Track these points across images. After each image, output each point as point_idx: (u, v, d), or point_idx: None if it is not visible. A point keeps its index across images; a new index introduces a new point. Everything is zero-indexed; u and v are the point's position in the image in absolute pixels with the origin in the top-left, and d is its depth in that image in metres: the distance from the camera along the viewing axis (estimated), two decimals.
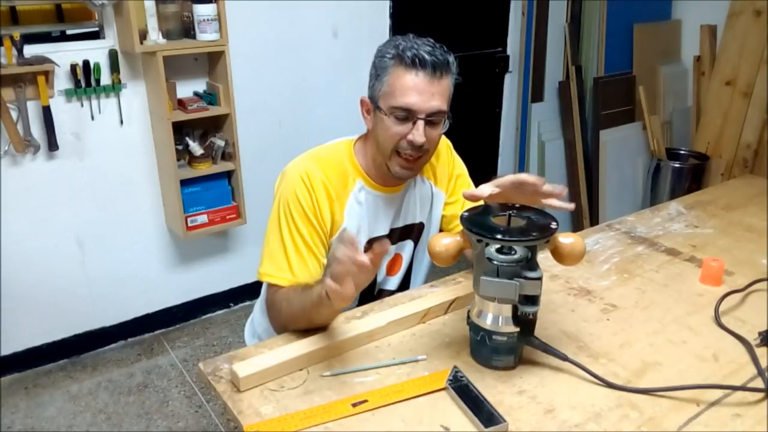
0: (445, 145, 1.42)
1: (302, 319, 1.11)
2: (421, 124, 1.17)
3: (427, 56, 1.15)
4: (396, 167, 1.23)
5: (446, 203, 1.41)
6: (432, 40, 1.20)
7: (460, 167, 1.43)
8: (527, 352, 1.04)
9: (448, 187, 1.40)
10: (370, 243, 1.31)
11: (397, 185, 1.32)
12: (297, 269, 1.20)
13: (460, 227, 1.00)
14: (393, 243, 1.36)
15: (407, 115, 1.17)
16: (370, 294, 1.37)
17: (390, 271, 1.39)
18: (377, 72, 1.21)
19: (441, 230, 1.42)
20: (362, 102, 1.27)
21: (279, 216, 1.23)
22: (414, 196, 1.36)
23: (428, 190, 1.38)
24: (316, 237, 1.22)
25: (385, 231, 1.33)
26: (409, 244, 1.40)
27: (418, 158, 1.22)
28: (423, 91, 1.15)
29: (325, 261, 1.24)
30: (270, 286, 1.23)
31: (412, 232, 1.38)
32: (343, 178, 1.27)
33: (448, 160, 1.41)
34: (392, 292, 1.39)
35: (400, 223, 1.36)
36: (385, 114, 1.19)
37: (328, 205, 1.24)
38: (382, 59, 1.20)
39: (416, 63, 1.15)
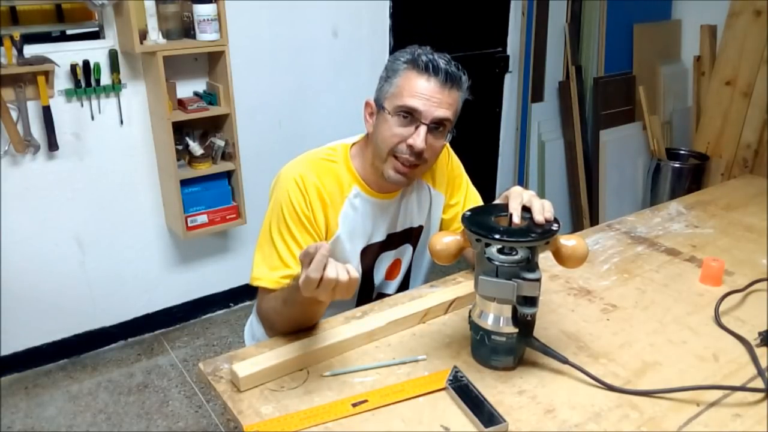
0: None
1: (284, 316, 1.10)
2: (423, 129, 1.15)
3: (441, 64, 1.15)
4: (390, 171, 1.19)
5: (446, 205, 1.38)
6: (448, 56, 1.19)
7: (459, 168, 1.41)
8: (528, 352, 1.04)
9: (448, 190, 1.38)
10: (365, 252, 1.29)
11: (393, 191, 1.29)
12: (291, 273, 1.17)
13: (461, 226, 1.00)
14: (393, 248, 1.35)
15: (411, 118, 1.16)
16: (368, 298, 1.36)
17: (389, 275, 1.38)
18: (387, 75, 1.20)
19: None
20: (366, 104, 1.25)
21: (273, 220, 1.21)
22: (412, 200, 1.33)
23: (426, 193, 1.35)
24: (310, 242, 1.18)
25: (382, 237, 1.31)
26: (408, 248, 1.38)
27: (414, 166, 1.19)
28: (431, 97, 1.14)
29: None
30: (260, 292, 1.20)
31: (411, 235, 1.37)
32: (338, 183, 1.24)
33: (446, 162, 1.38)
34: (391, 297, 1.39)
35: (398, 228, 1.34)
36: (389, 113, 1.17)
37: (322, 210, 1.22)
38: (395, 62, 1.19)
39: (429, 68, 1.14)
